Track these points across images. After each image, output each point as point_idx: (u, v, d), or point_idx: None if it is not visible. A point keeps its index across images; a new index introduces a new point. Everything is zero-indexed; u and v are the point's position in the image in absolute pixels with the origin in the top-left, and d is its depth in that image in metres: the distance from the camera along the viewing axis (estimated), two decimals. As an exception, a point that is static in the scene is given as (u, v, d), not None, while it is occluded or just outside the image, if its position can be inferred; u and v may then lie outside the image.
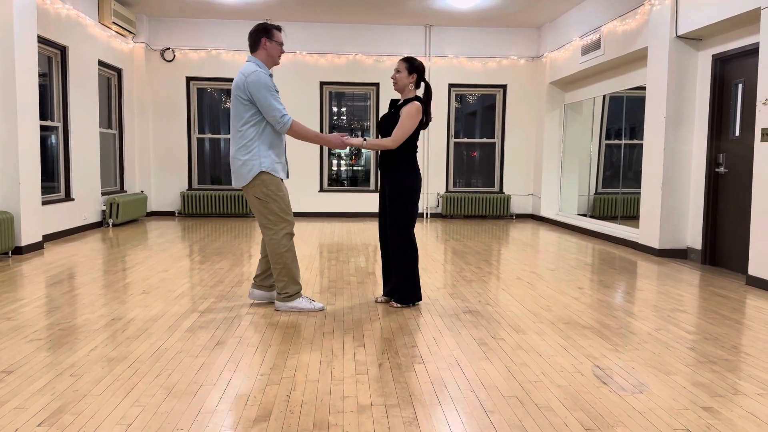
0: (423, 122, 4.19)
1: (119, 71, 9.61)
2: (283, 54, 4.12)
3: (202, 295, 4.54)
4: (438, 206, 10.88)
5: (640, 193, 7.15)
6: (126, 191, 9.86)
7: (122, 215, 8.85)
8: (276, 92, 3.92)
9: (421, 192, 4.40)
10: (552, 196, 10.45)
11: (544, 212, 10.44)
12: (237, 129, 3.94)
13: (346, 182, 11.11)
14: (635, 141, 8.29)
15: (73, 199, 7.95)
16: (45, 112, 7.58)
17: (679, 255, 6.69)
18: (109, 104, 9.47)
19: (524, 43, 10.70)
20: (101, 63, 8.90)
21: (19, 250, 6.26)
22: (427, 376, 2.91)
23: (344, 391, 2.70)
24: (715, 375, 2.98)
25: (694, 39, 6.49)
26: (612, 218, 8.85)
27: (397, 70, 4.21)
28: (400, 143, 4.11)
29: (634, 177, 8.14)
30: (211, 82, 10.47)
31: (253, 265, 5.87)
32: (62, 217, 7.66)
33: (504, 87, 10.80)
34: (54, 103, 7.73)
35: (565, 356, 3.23)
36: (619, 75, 8.32)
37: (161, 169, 10.47)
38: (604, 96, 9.05)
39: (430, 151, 10.78)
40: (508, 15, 9.76)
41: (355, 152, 11.09)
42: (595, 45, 8.31)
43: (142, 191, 10.22)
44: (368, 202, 10.79)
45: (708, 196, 6.29)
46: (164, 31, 10.24)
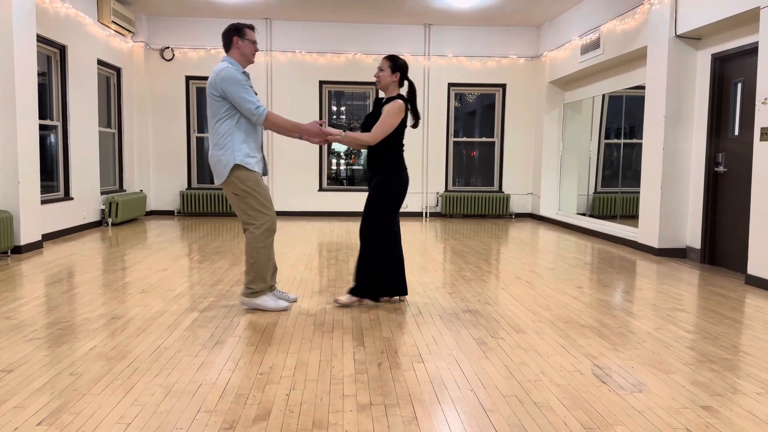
0: (412, 121, 4.16)
1: (118, 70, 9.61)
2: (257, 52, 4.12)
3: (201, 295, 4.54)
4: (437, 205, 10.88)
5: (639, 193, 7.15)
6: (125, 190, 9.85)
7: (121, 214, 8.85)
8: (248, 87, 3.91)
9: (407, 191, 4.35)
10: (551, 196, 10.45)
11: (544, 211, 10.44)
12: (212, 126, 3.95)
13: (345, 181, 11.11)
14: (634, 140, 8.30)
15: (72, 199, 7.95)
16: (44, 111, 7.58)
17: (678, 254, 6.69)
18: (108, 103, 9.47)
19: (524, 43, 10.70)
20: (100, 62, 8.90)
21: (18, 250, 6.26)
22: (426, 375, 2.91)
23: (344, 391, 2.70)
24: (714, 374, 2.98)
25: (694, 38, 6.49)
26: (611, 217, 8.86)
27: (380, 69, 4.17)
28: (379, 140, 4.06)
29: (634, 176, 8.15)
30: (211, 81, 10.45)
31: (252, 264, 5.86)
32: (61, 216, 7.66)
33: (503, 86, 10.79)
34: (53, 102, 7.73)
35: (565, 355, 3.23)
36: (618, 74, 8.32)
37: (160, 168, 10.46)
38: (604, 95, 9.05)
39: (429, 151, 10.78)
40: (507, 14, 9.75)
41: (354, 152, 11.09)
42: (595, 44, 8.31)
43: (141, 190, 10.22)
44: (367, 201, 10.77)
45: (707, 195, 6.29)
46: (163, 31, 10.24)
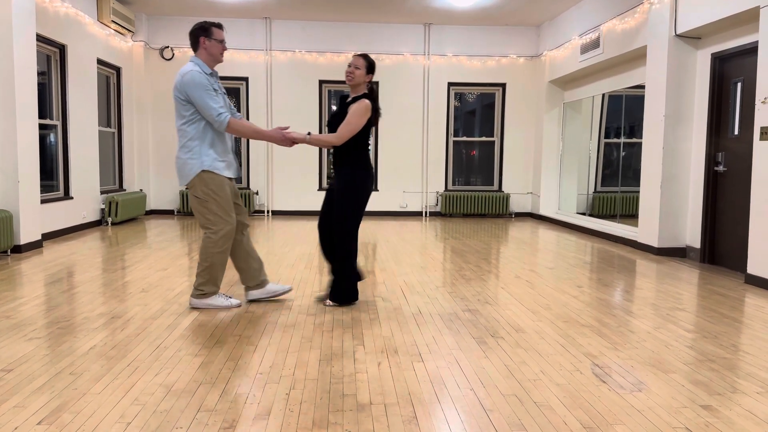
0: (373, 119, 4.12)
1: (118, 70, 9.60)
2: (225, 51, 4.07)
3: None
4: (437, 205, 10.88)
5: (639, 192, 7.16)
6: (125, 190, 9.85)
7: (121, 214, 8.85)
8: (213, 91, 3.88)
9: (372, 191, 4.32)
10: (551, 195, 10.45)
11: (543, 211, 10.44)
12: (178, 128, 3.94)
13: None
14: (634, 139, 8.30)
15: (72, 198, 7.95)
16: (44, 111, 7.57)
17: (678, 253, 6.69)
18: (108, 103, 9.47)
19: (523, 42, 10.70)
20: (100, 61, 8.89)
21: (18, 249, 6.26)
22: (426, 374, 2.91)
23: (344, 390, 2.70)
24: (714, 373, 2.98)
25: (694, 38, 6.49)
26: (611, 217, 8.86)
27: (356, 66, 4.09)
28: (346, 140, 4.01)
29: (633, 175, 8.15)
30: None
31: (252, 263, 5.86)
32: (61, 215, 7.66)
33: (503, 86, 10.79)
34: (53, 102, 7.73)
35: (564, 355, 3.23)
36: (618, 74, 8.32)
37: (160, 167, 10.46)
38: (604, 95, 9.05)
39: (429, 150, 10.78)
40: (507, 13, 9.75)
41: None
42: (595, 44, 8.31)
43: (141, 190, 10.22)
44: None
45: (707, 194, 6.29)
46: (163, 30, 10.23)
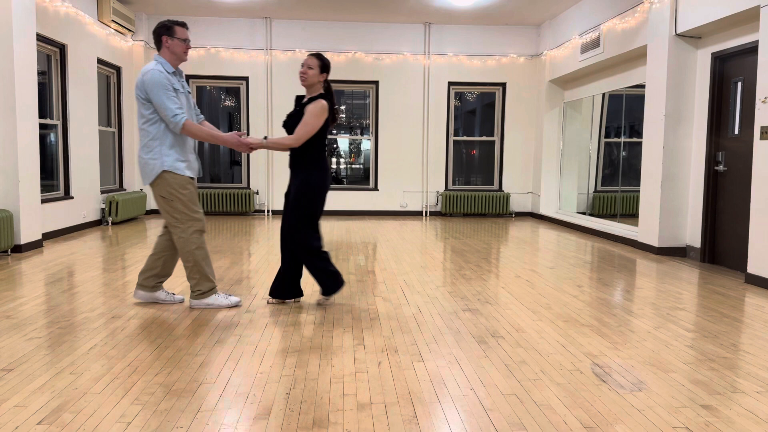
0: (330, 119, 4.08)
1: (118, 69, 9.60)
2: (189, 50, 4.04)
3: (201, 294, 4.54)
4: (437, 204, 10.88)
5: (639, 191, 7.16)
6: (125, 189, 9.85)
7: (121, 213, 8.85)
8: (173, 91, 3.86)
9: (328, 191, 4.26)
10: (551, 194, 10.45)
11: (544, 210, 10.44)
12: (139, 127, 3.93)
13: (345, 180, 11.11)
14: (634, 139, 8.30)
15: (72, 198, 7.95)
16: (44, 111, 7.58)
17: (678, 253, 6.69)
18: (108, 102, 9.47)
19: (524, 41, 10.69)
20: (100, 61, 8.89)
21: (18, 249, 6.26)
22: (426, 374, 2.91)
23: (344, 389, 2.70)
24: (714, 373, 2.98)
25: (694, 37, 6.49)
26: (611, 216, 8.86)
27: (309, 66, 4.02)
28: (303, 141, 3.97)
29: (634, 175, 8.14)
30: (210, 80, 10.46)
31: (252, 263, 5.87)
32: (61, 215, 7.66)
33: (503, 85, 10.79)
34: (53, 102, 7.73)
35: (564, 354, 3.23)
36: (618, 73, 8.32)
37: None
38: (604, 94, 9.05)
39: (429, 150, 10.78)
40: (507, 13, 9.75)
41: (354, 151, 11.09)
42: (595, 43, 8.31)
43: (141, 189, 10.22)
44: (368, 200, 10.79)
45: (707, 194, 6.29)
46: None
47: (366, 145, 10.97)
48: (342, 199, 10.76)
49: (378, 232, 8.36)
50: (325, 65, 4.07)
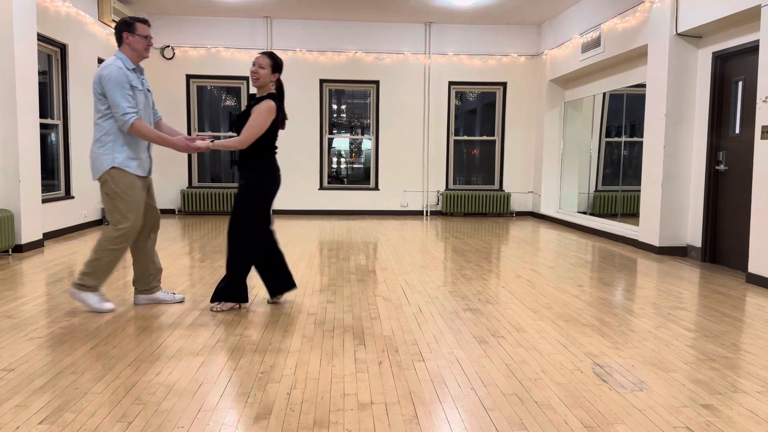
0: (280, 120, 4.01)
1: (119, 69, 9.60)
2: (150, 47, 4.02)
3: (202, 293, 4.55)
4: (438, 204, 10.88)
5: (640, 191, 7.15)
6: (126, 189, 9.84)
7: (122, 213, 8.84)
8: (130, 88, 3.83)
9: (276, 194, 4.21)
10: (552, 194, 10.45)
11: (544, 210, 10.44)
12: (94, 122, 3.91)
13: (345, 180, 11.12)
14: (635, 138, 8.29)
15: (73, 197, 7.95)
16: (45, 110, 7.58)
17: (679, 252, 6.69)
18: (108, 102, 9.46)
19: (524, 41, 10.69)
20: (101, 61, 8.89)
21: (19, 248, 6.26)
22: (427, 374, 2.91)
23: (344, 389, 2.70)
24: (714, 372, 2.98)
25: (695, 36, 6.48)
26: (612, 216, 8.86)
27: (260, 66, 3.94)
28: (250, 142, 3.90)
29: (634, 174, 8.14)
30: (211, 80, 10.47)
31: (253, 263, 5.87)
32: (62, 215, 7.66)
33: (504, 84, 10.79)
34: (54, 101, 7.73)
35: (565, 354, 3.23)
36: (619, 72, 8.32)
37: (161, 166, 10.46)
38: (605, 93, 9.04)
39: (430, 149, 10.78)
40: (508, 12, 9.75)
41: (355, 150, 11.09)
42: (595, 42, 8.31)
43: (142, 189, 10.21)
44: (368, 200, 10.79)
45: (708, 193, 6.29)
46: (164, 29, 10.24)
47: (366, 144, 10.97)
48: (343, 199, 10.77)
49: (379, 232, 8.36)
50: (277, 65, 4.00)
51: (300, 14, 10.02)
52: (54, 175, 7.82)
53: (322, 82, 10.57)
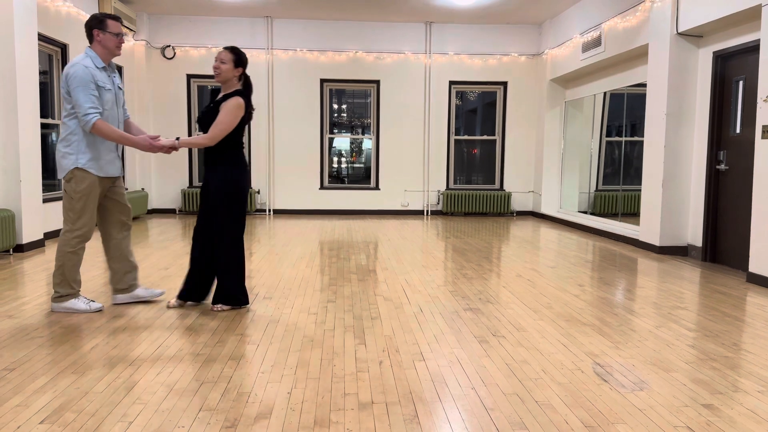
0: (246, 116, 3.95)
1: (120, 69, 9.61)
2: (122, 44, 3.98)
3: (203, 293, 4.54)
4: (438, 203, 10.88)
5: (640, 190, 7.15)
6: (127, 189, 9.86)
7: (123, 213, 8.85)
8: (96, 87, 3.79)
9: (249, 191, 4.13)
10: (553, 194, 10.45)
11: (545, 209, 10.44)
12: (62, 120, 3.89)
13: (346, 179, 11.12)
14: (636, 138, 8.29)
15: (73, 197, 7.94)
16: (46, 110, 7.58)
17: (679, 252, 6.69)
18: (109, 102, 9.46)
19: (525, 40, 10.69)
20: (102, 60, 8.89)
21: (20, 248, 6.27)
22: (427, 373, 2.92)
23: (345, 389, 2.70)
24: (715, 372, 2.98)
25: (695, 36, 6.48)
26: (612, 215, 8.85)
27: (221, 61, 3.88)
28: (218, 140, 3.84)
29: (635, 174, 8.14)
30: (212, 79, 10.46)
31: (253, 262, 5.87)
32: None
33: (504, 84, 10.79)
34: (55, 101, 7.73)
35: (566, 354, 3.23)
36: (619, 72, 8.32)
37: (162, 166, 10.47)
38: (605, 93, 9.04)
39: (430, 149, 10.78)
40: (508, 12, 9.74)
41: (355, 150, 11.09)
42: (596, 42, 8.30)
43: (143, 189, 10.23)
44: (369, 199, 10.80)
45: (708, 193, 6.28)
46: (165, 29, 10.24)
47: (367, 144, 10.97)
48: (343, 199, 10.77)
49: (379, 232, 8.36)
50: (239, 59, 3.93)
51: (300, 14, 10.02)
52: (55, 174, 7.82)
53: (322, 81, 10.57)
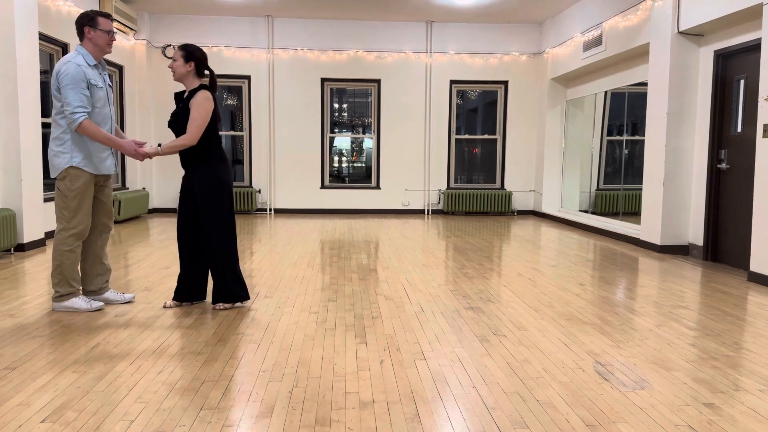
0: (215, 111, 3.93)
1: (120, 68, 9.61)
2: (113, 41, 3.97)
3: (204, 292, 4.55)
4: (439, 203, 10.88)
5: (641, 190, 7.15)
6: (128, 188, 9.87)
7: (124, 212, 8.86)
8: (87, 86, 3.78)
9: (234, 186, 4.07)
10: (553, 193, 10.44)
11: (546, 209, 10.43)
12: (53, 118, 3.86)
13: (347, 179, 11.12)
14: (637, 137, 8.28)
15: (74, 196, 7.95)
16: (46, 109, 7.58)
17: (680, 251, 6.68)
18: (110, 101, 9.47)
19: (526, 39, 10.68)
20: (102, 60, 8.89)
21: (21, 247, 6.27)
22: (428, 372, 2.92)
23: (346, 388, 2.70)
24: (716, 371, 2.98)
25: (696, 35, 6.47)
26: (613, 214, 8.85)
27: (173, 59, 3.91)
28: (199, 137, 3.83)
29: (636, 173, 8.13)
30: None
31: (254, 261, 5.88)
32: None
33: (505, 83, 10.78)
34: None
35: (567, 352, 3.23)
36: (620, 71, 8.31)
37: (163, 166, 10.47)
38: (606, 92, 9.03)
39: (431, 148, 10.77)
40: (509, 11, 9.74)
41: (356, 149, 11.09)
42: (597, 41, 8.30)
43: (144, 188, 10.23)
44: (370, 198, 10.80)
45: (710, 192, 6.28)
46: (165, 28, 10.24)
47: (368, 143, 10.97)
48: (344, 198, 10.77)
49: (380, 231, 8.36)
50: (189, 54, 3.91)
51: (301, 13, 10.02)
52: (56, 174, 7.82)
53: (323, 80, 10.57)
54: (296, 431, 2.28)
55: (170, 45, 10.22)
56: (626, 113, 8.59)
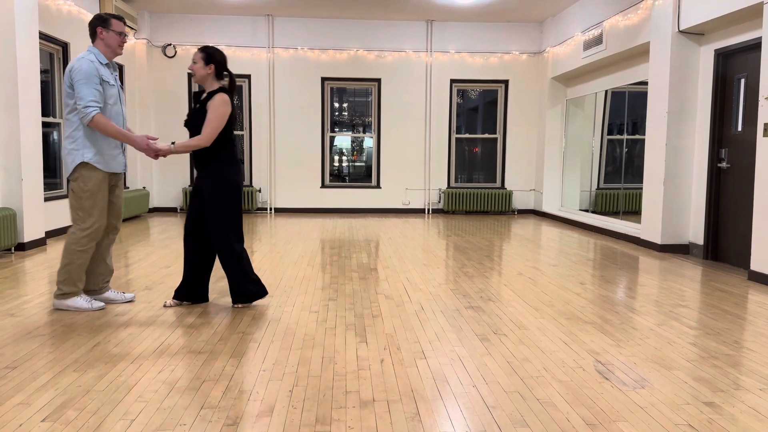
0: (233, 113, 3.96)
1: (121, 68, 9.61)
2: (125, 43, 4.00)
3: (204, 291, 4.55)
4: (440, 202, 10.88)
5: (642, 189, 7.14)
6: (128, 187, 9.87)
7: (124, 211, 8.87)
8: (100, 82, 3.79)
9: (243, 187, 4.09)
10: (554, 192, 10.44)
11: (546, 208, 10.43)
12: (65, 117, 3.88)
13: (347, 178, 11.12)
14: (637, 136, 8.28)
15: (75, 196, 7.95)
16: (47, 109, 7.59)
17: (680, 250, 6.68)
18: (110, 100, 9.46)
19: (526, 38, 10.67)
20: (103, 59, 8.89)
21: (21, 247, 6.27)
22: (429, 371, 2.92)
23: (347, 387, 2.70)
24: (716, 370, 2.98)
25: (697, 34, 6.47)
26: (614, 214, 8.85)
27: (193, 61, 3.93)
28: (213, 139, 3.85)
29: (636, 172, 8.13)
30: (213, 78, 10.46)
31: (255, 260, 5.88)
32: (65, 213, 7.66)
33: (506, 82, 10.78)
34: (56, 100, 7.74)
35: (567, 351, 3.23)
36: (621, 70, 8.31)
37: (163, 165, 10.47)
38: (606, 91, 9.03)
39: (431, 147, 10.77)
40: (509, 10, 9.73)
41: (356, 148, 11.09)
42: (597, 40, 8.29)
43: (144, 187, 10.23)
44: (370, 198, 10.80)
45: (710, 191, 6.28)
46: (166, 27, 10.24)
47: (368, 142, 10.97)
48: (344, 197, 10.77)
49: (380, 230, 8.36)
50: (209, 56, 3.92)
51: (302, 12, 10.01)
52: (56, 173, 7.83)
53: (323, 80, 10.57)
54: (297, 430, 2.29)
55: (170, 44, 10.22)
56: (626, 112, 8.59)
